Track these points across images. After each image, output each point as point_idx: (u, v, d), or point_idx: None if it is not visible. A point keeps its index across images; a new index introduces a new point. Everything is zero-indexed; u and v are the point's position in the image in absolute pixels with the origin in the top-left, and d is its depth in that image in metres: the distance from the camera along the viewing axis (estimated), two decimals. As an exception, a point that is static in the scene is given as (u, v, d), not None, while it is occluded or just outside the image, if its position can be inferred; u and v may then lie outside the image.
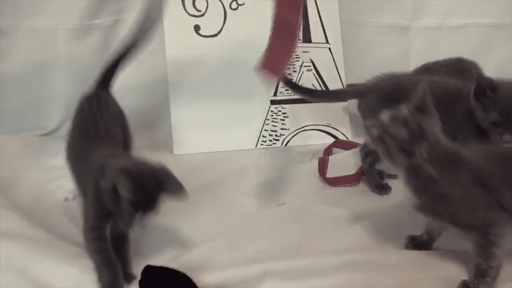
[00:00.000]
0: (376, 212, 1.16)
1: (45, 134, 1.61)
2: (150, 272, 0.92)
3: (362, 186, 1.33)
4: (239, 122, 1.58)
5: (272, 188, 1.29)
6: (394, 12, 1.71)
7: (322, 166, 1.40)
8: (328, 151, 1.51)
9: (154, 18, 1.27)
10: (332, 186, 1.34)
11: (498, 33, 1.71)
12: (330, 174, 1.37)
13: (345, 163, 1.42)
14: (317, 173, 1.38)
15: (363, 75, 1.64)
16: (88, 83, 1.59)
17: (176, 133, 1.57)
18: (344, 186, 1.33)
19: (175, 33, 1.57)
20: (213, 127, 1.58)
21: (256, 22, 1.60)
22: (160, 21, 1.53)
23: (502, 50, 1.71)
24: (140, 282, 0.91)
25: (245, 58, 1.59)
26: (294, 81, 1.55)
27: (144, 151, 1.44)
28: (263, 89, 1.59)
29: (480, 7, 1.69)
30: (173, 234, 1.13)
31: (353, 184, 1.32)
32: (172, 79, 1.58)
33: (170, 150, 1.56)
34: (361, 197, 1.28)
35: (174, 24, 1.57)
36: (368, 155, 1.29)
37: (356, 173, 1.35)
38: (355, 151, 1.42)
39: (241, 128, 1.58)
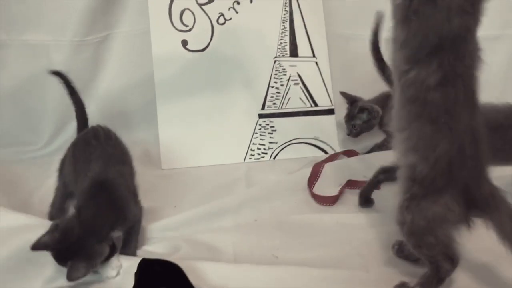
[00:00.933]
0: (358, 226, 1.16)
1: (37, 149, 1.61)
2: (146, 264, 0.92)
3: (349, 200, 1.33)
4: (227, 136, 1.59)
5: (260, 201, 1.28)
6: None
7: (313, 177, 1.40)
8: (319, 165, 1.49)
9: None
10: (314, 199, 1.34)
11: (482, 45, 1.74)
12: (317, 187, 1.37)
13: (336, 176, 1.42)
14: (306, 185, 1.38)
15: (350, 88, 1.67)
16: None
17: (164, 148, 1.56)
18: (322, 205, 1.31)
19: (162, 48, 1.58)
20: (201, 142, 1.58)
21: (243, 36, 1.62)
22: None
23: (486, 62, 1.73)
24: (136, 274, 0.92)
25: (233, 72, 1.61)
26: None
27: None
28: (251, 103, 1.61)
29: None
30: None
31: (328, 205, 1.31)
32: (159, 93, 1.58)
33: (158, 165, 1.55)
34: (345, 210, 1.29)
35: (162, 39, 1.58)
36: (384, 173, 1.23)
37: (335, 196, 1.33)
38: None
39: (229, 142, 1.59)
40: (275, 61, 1.63)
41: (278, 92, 1.63)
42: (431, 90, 0.91)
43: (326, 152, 1.61)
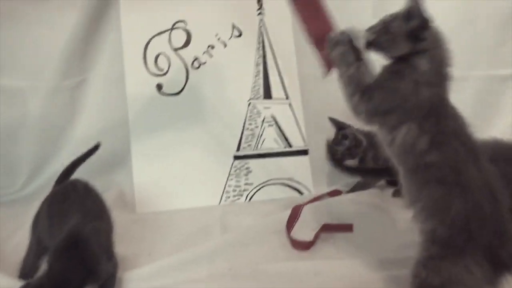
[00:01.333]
0: (334, 275, 1.16)
1: (11, 193, 1.60)
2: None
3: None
4: (202, 178, 1.59)
5: (235, 248, 1.28)
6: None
7: (292, 220, 1.39)
8: (299, 207, 1.46)
9: None
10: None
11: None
12: (295, 230, 1.37)
13: (313, 218, 1.43)
14: (281, 228, 1.38)
15: (324, 127, 1.70)
16: (55, 143, 1.61)
17: (138, 192, 1.56)
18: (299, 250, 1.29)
19: (137, 92, 1.59)
20: (176, 184, 1.58)
21: (218, 80, 1.64)
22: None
23: (452, 100, 1.78)
24: None
25: (208, 115, 1.63)
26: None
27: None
28: (226, 145, 1.62)
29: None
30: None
31: (305, 249, 1.28)
32: (134, 137, 1.59)
33: (133, 208, 1.55)
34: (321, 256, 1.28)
35: (136, 83, 1.60)
36: None
37: (310, 242, 1.31)
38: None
39: (204, 184, 1.59)
40: (249, 104, 1.66)
41: (253, 134, 1.65)
42: (427, 154, 0.91)
43: (300, 193, 1.63)
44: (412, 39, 0.94)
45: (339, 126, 1.61)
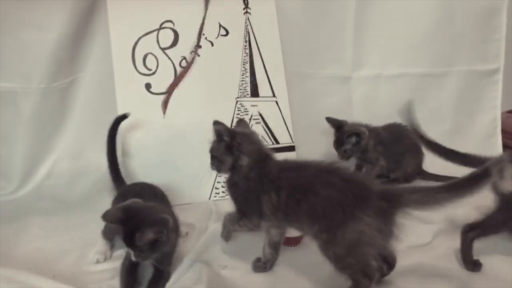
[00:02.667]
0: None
1: (7, 194, 1.61)
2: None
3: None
4: (192, 175, 1.62)
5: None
6: (335, 64, 1.83)
7: None
8: None
9: None
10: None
11: (431, 82, 1.85)
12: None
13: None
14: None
15: (309, 124, 1.74)
16: (48, 143, 1.63)
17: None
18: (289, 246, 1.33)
19: (126, 91, 1.61)
20: (167, 182, 1.59)
21: (205, 79, 1.67)
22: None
23: (434, 97, 1.84)
24: None
25: (196, 113, 1.66)
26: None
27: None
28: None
29: (413, 58, 1.82)
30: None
31: (293, 246, 1.34)
32: (124, 135, 1.60)
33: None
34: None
35: (125, 83, 1.62)
36: (472, 230, 1.22)
37: (300, 236, 1.35)
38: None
39: (194, 181, 1.63)
40: (237, 102, 1.70)
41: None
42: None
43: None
44: (230, 152, 1.20)
45: (338, 125, 1.65)
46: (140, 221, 1.08)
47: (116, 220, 1.09)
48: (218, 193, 1.63)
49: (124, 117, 1.48)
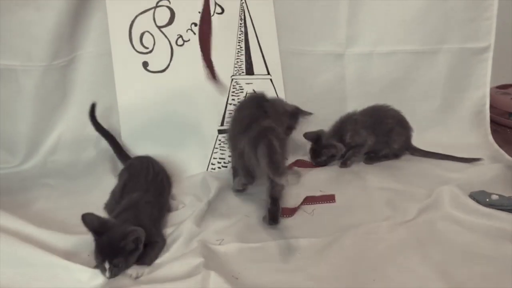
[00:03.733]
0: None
1: (11, 167, 1.67)
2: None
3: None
4: (188, 152, 1.68)
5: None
6: (329, 41, 1.85)
7: None
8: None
9: None
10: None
11: (422, 59, 1.88)
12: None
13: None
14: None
15: (303, 101, 1.79)
16: (50, 120, 1.68)
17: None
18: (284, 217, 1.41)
19: (124, 70, 1.65)
20: (163, 158, 1.66)
21: (200, 57, 1.70)
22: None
23: (425, 74, 1.88)
24: None
25: (192, 91, 1.70)
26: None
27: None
28: (210, 120, 1.71)
29: (405, 36, 1.85)
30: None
31: (289, 216, 1.41)
32: (123, 113, 1.66)
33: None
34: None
35: (123, 61, 1.65)
36: None
37: (295, 208, 1.44)
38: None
39: (191, 158, 1.68)
40: (232, 79, 1.74)
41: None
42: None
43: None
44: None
45: (315, 138, 1.72)
46: (117, 232, 1.14)
47: (92, 228, 1.15)
48: (214, 168, 1.70)
49: (93, 107, 1.58)
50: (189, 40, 1.70)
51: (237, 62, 1.74)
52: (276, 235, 1.32)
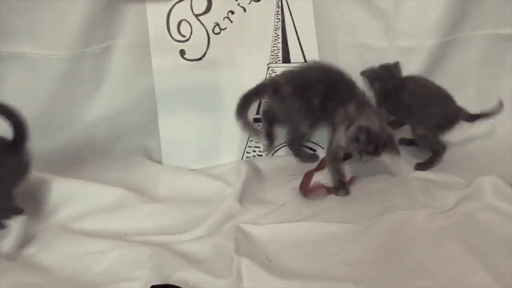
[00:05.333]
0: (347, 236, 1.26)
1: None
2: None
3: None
4: (224, 140, 1.69)
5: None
6: (370, 33, 1.81)
7: (305, 184, 1.49)
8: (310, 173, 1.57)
9: None
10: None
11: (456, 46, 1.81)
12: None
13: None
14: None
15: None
16: (82, 108, 1.71)
17: (165, 150, 1.68)
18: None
19: (161, 58, 1.66)
20: (200, 146, 1.68)
21: (237, 45, 1.71)
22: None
23: (459, 62, 1.83)
24: None
25: (229, 79, 1.71)
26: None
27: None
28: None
29: (441, 25, 1.77)
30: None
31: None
32: (160, 101, 1.67)
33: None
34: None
35: (161, 50, 1.67)
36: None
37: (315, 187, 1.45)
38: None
39: (226, 145, 1.69)
40: (268, 68, 1.73)
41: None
42: None
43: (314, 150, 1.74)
44: None
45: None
46: None
47: None
48: (249, 157, 1.69)
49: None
50: (225, 28, 1.70)
51: (274, 50, 1.73)
52: (311, 219, 1.31)
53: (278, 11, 1.74)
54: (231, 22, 1.71)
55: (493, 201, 1.33)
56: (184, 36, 1.69)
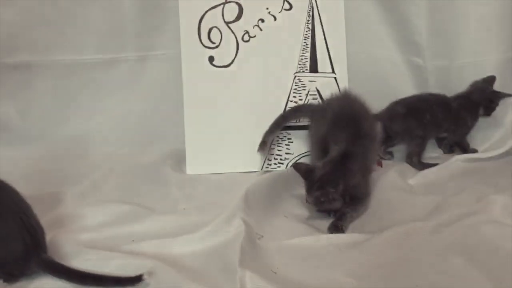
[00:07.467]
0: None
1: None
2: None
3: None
4: (247, 146, 1.69)
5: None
6: (404, 48, 1.79)
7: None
8: None
9: None
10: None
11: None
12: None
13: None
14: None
15: (367, 102, 1.72)
16: (114, 112, 1.79)
17: (189, 155, 1.71)
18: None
19: (191, 63, 1.71)
20: (223, 151, 1.71)
21: (265, 53, 1.72)
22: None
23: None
24: None
25: (255, 86, 1.72)
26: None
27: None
28: (270, 115, 1.71)
29: (488, 43, 1.73)
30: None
31: None
32: (187, 105, 1.71)
33: (184, 170, 1.71)
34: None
35: (191, 55, 1.71)
36: None
37: None
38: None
39: (249, 152, 1.69)
40: (295, 77, 1.73)
41: (297, 106, 1.72)
42: None
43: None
44: None
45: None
46: None
47: None
48: (270, 165, 1.70)
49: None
50: (255, 36, 1.72)
51: (302, 59, 1.73)
52: (316, 230, 1.30)
53: (308, 20, 1.73)
54: (261, 30, 1.72)
55: (501, 217, 1.27)
56: (214, 43, 1.73)
